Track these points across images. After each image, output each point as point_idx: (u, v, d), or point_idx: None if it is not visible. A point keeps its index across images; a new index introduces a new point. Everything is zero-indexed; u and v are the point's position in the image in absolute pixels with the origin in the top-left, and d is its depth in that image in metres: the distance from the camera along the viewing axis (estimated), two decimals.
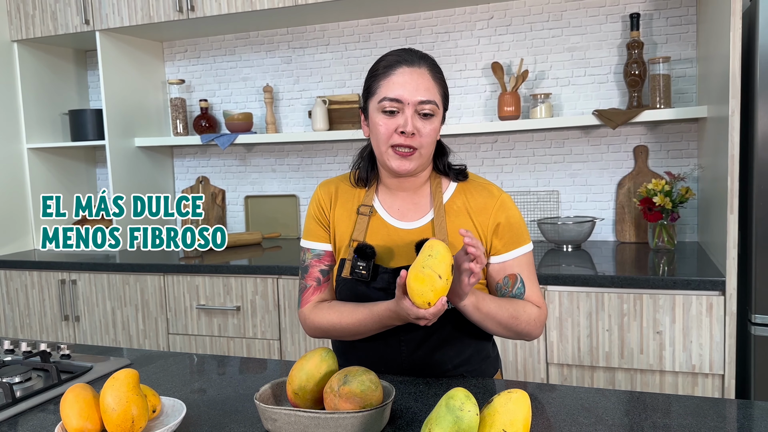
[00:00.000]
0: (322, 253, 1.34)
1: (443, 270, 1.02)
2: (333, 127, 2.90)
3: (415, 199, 1.32)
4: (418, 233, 1.29)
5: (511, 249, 1.29)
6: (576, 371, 2.10)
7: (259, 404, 1.01)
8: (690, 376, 1.99)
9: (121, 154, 2.97)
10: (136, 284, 2.63)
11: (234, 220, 3.23)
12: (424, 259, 1.03)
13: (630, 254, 2.35)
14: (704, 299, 1.94)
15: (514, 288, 1.29)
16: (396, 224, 1.30)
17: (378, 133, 1.24)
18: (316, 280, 1.34)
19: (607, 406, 1.09)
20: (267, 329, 2.47)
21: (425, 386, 1.22)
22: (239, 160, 3.19)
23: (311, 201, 1.38)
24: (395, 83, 1.21)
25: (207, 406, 1.15)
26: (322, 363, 1.05)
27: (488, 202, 1.30)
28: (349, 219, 1.32)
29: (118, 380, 1.00)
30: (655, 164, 2.58)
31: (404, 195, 1.32)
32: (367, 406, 0.98)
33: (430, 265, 1.02)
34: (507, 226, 1.29)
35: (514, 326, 1.24)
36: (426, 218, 1.30)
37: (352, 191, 1.35)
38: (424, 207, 1.31)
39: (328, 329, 1.29)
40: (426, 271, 1.02)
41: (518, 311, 1.24)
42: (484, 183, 1.34)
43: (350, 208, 1.33)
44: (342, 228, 1.33)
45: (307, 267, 1.35)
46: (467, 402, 0.83)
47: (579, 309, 2.06)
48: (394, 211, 1.32)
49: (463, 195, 1.31)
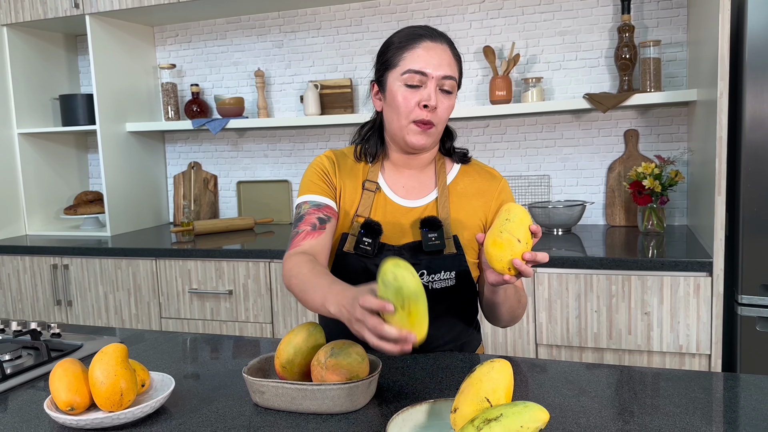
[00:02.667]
0: (322, 204, 1.28)
1: (522, 233, 1.01)
2: (325, 112, 2.90)
3: (421, 177, 1.33)
4: (422, 211, 1.30)
5: None
6: (565, 352, 2.12)
7: (246, 377, 1.02)
8: (677, 356, 2.01)
9: (113, 140, 2.96)
10: (128, 268, 2.63)
11: (226, 206, 3.23)
12: (502, 224, 1.01)
13: (620, 237, 2.37)
14: (692, 280, 1.96)
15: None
16: (400, 202, 1.31)
17: (398, 106, 1.23)
18: (311, 225, 1.25)
19: (591, 378, 1.11)
20: (259, 313, 2.48)
21: (412, 361, 1.23)
22: (231, 145, 3.19)
23: (315, 163, 1.33)
24: (420, 56, 1.21)
25: (196, 381, 1.16)
26: (309, 337, 1.07)
27: (491, 185, 1.33)
28: (354, 192, 1.31)
29: (106, 354, 1.00)
30: (646, 148, 2.59)
31: (410, 173, 1.33)
32: (353, 378, 1.00)
33: (508, 229, 1.00)
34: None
35: (516, 310, 1.28)
36: (430, 197, 1.31)
37: (356, 165, 1.34)
38: (428, 186, 1.32)
39: (290, 279, 1.16)
40: (504, 236, 1.00)
41: (521, 297, 1.28)
42: (485, 167, 1.38)
43: (355, 183, 1.32)
44: (347, 199, 1.31)
45: (302, 216, 1.27)
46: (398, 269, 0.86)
47: (568, 290, 2.08)
48: (398, 189, 1.32)
49: (466, 177, 1.34)
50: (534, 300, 2.12)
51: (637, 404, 1.00)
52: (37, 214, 3.12)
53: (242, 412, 1.02)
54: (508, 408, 0.78)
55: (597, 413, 0.97)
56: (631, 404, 1.00)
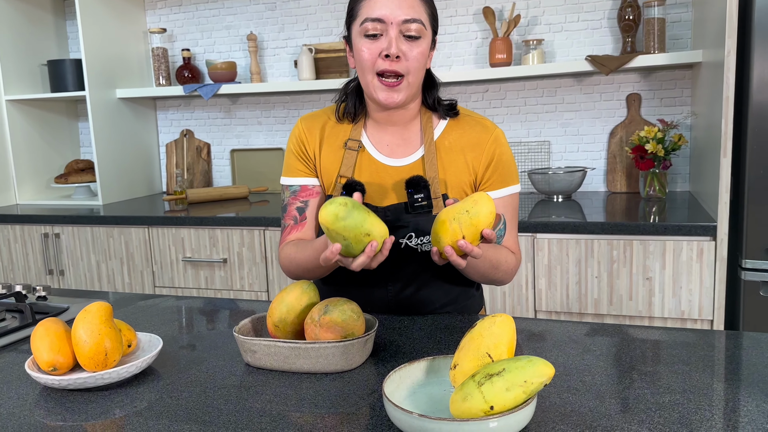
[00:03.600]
0: (298, 188, 1.28)
1: (471, 233, 0.96)
2: (320, 77, 2.82)
3: (405, 134, 1.26)
4: (408, 170, 1.24)
5: (498, 187, 1.25)
6: (564, 318, 2.09)
7: (237, 336, 0.97)
8: (679, 322, 1.98)
9: (103, 107, 2.89)
10: (121, 237, 2.58)
11: (220, 175, 3.18)
12: (460, 212, 0.97)
13: (621, 203, 2.32)
14: (695, 245, 1.92)
15: (495, 228, 1.24)
16: (385, 161, 1.25)
17: (361, 60, 1.17)
18: (293, 219, 1.28)
19: (595, 338, 1.07)
20: (254, 281, 2.44)
21: (410, 321, 1.19)
22: (224, 112, 3.12)
23: (291, 136, 1.31)
24: (377, 3, 1.14)
25: (186, 342, 1.12)
26: (302, 295, 1.02)
27: (482, 137, 1.24)
28: (335, 154, 1.26)
29: (90, 313, 0.96)
30: (648, 112, 2.53)
31: (394, 130, 1.26)
32: (348, 336, 0.95)
33: (461, 221, 0.96)
34: (498, 163, 1.24)
35: (492, 275, 1.21)
36: (416, 155, 1.24)
37: (338, 126, 1.28)
38: (414, 143, 1.26)
39: (288, 266, 1.25)
40: (454, 225, 0.97)
41: (499, 260, 1.20)
42: (477, 117, 1.28)
43: (337, 144, 1.27)
44: (328, 164, 1.27)
45: (286, 206, 1.30)
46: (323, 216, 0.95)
47: (568, 256, 2.04)
48: (383, 147, 1.26)
49: (455, 130, 1.26)
50: (533, 266, 2.08)
51: (642, 362, 0.96)
52: (27, 183, 3.06)
53: (233, 372, 0.98)
54: (511, 362, 0.74)
55: (602, 371, 0.94)
56: (636, 362, 0.96)
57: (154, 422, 0.83)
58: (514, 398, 0.72)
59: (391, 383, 0.82)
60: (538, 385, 0.73)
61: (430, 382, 0.87)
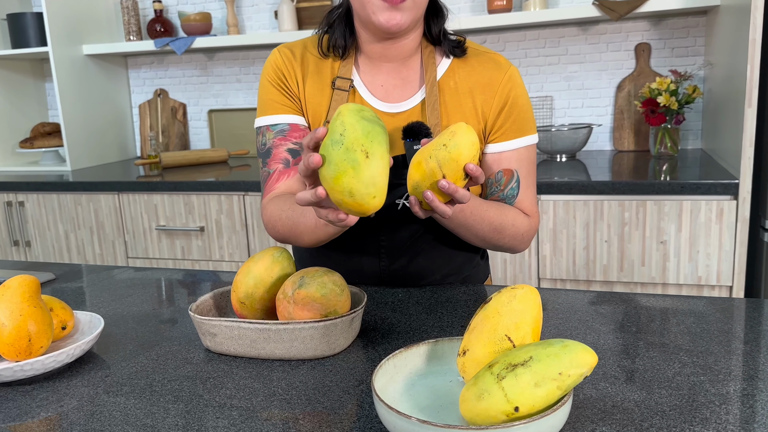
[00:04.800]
0: (287, 127, 1.06)
1: (452, 170, 0.77)
2: (302, 28, 2.60)
3: (403, 73, 1.06)
4: (405, 117, 1.04)
5: (513, 137, 1.05)
6: (570, 287, 1.93)
7: (194, 316, 0.79)
8: (695, 289, 1.82)
9: (69, 64, 2.66)
10: (89, 204, 2.39)
11: (197, 138, 2.96)
12: (436, 147, 0.77)
13: (629, 162, 2.14)
14: (714, 204, 1.75)
15: (507, 187, 1.06)
16: (379, 106, 1.05)
17: None
18: (283, 162, 1.05)
19: (626, 310, 0.90)
20: (234, 251, 2.26)
21: (405, 295, 1.01)
22: (200, 69, 2.89)
23: (266, 67, 1.09)
24: None
25: (137, 322, 0.94)
26: (273, 264, 0.84)
27: (495, 76, 1.04)
28: (321, 94, 1.06)
29: (9, 289, 0.78)
30: (658, 63, 2.34)
31: (389, 68, 1.06)
32: (330, 314, 0.78)
33: (439, 158, 0.77)
34: (514, 107, 1.04)
35: (495, 239, 1.02)
36: (416, 98, 1.05)
37: (321, 62, 1.07)
38: (413, 84, 1.06)
39: (276, 226, 1.02)
40: (431, 164, 0.77)
41: (504, 224, 1.01)
42: (488, 53, 1.07)
43: (322, 81, 1.06)
44: (315, 105, 1.06)
45: (269, 150, 1.06)
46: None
47: (575, 219, 1.87)
48: (376, 89, 1.06)
49: (462, 68, 1.05)
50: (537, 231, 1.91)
51: (691, 341, 0.79)
52: None
53: (189, 359, 0.80)
54: (540, 348, 0.56)
55: (644, 353, 0.77)
56: (683, 341, 0.79)
57: (82, 427, 0.66)
58: (545, 396, 0.54)
59: (383, 375, 0.64)
60: (576, 378, 0.55)
61: (432, 372, 0.69)
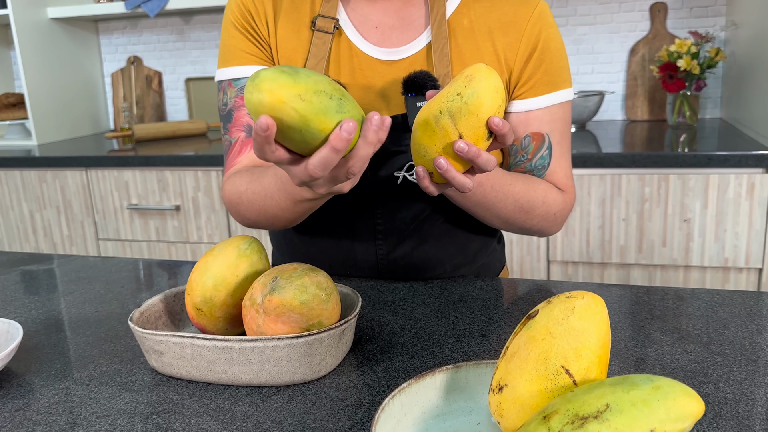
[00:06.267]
0: None
1: (472, 127, 0.56)
2: None
3: (403, 11, 0.85)
4: (406, 66, 0.83)
5: (544, 92, 0.83)
6: (583, 270, 1.76)
7: (134, 328, 0.61)
8: (721, 272, 1.66)
9: (32, 29, 2.43)
10: (55, 182, 2.18)
11: (174, 108, 2.74)
12: (448, 100, 0.57)
13: (644, 133, 1.96)
14: (744, 178, 1.57)
15: (537, 155, 0.85)
16: (372, 52, 0.83)
17: None
18: (246, 128, 0.86)
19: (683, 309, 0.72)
20: (214, 231, 2.07)
21: (408, 291, 0.83)
22: (176, 34, 2.66)
23: (229, 5, 0.88)
24: None
25: (73, 330, 0.76)
26: (239, 259, 0.64)
27: (521, 12, 0.82)
28: (297, 37, 0.85)
29: None
30: (675, 25, 2.14)
31: (386, 4, 0.85)
32: (312, 327, 0.59)
33: (452, 112, 0.56)
34: (545, 52, 0.83)
35: (522, 221, 0.83)
36: (419, 42, 0.83)
37: None
38: (415, 24, 0.84)
39: (238, 205, 0.83)
40: (443, 122, 0.57)
41: (533, 201, 0.82)
42: None
43: (299, 20, 0.85)
44: (289, 50, 0.85)
45: (231, 112, 0.87)
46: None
47: (590, 195, 1.69)
48: (369, 31, 0.84)
49: (478, 2, 0.83)
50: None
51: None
52: None
53: (130, 384, 0.62)
54: (620, 392, 0.38)
55: (726, 372, 0.59)
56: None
57: None
58: None
59: (387, 419, 0.46)
60: None
61: (452, 411, 0.51)
